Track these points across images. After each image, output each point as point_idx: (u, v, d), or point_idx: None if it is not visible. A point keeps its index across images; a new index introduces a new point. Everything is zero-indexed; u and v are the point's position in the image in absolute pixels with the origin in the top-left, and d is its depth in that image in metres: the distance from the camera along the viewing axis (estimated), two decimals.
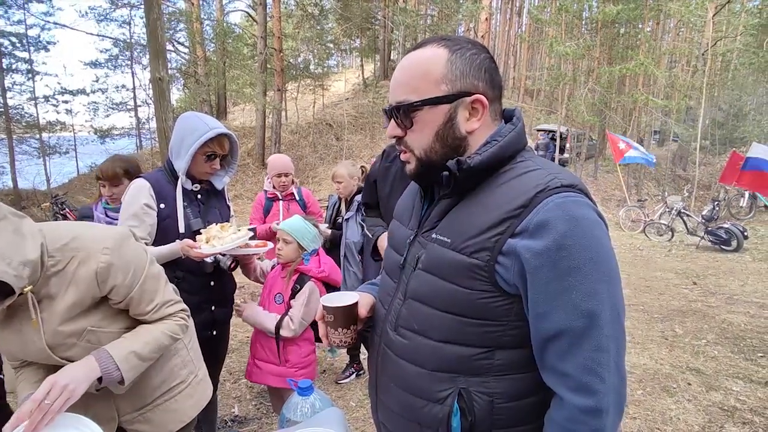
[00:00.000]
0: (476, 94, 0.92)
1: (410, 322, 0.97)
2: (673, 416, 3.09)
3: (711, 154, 20.53)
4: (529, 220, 0.82)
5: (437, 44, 0.93)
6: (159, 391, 1.48)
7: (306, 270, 2.29)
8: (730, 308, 5.53)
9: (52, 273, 1.20)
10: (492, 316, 0.88)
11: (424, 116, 0.92)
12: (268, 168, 3.69)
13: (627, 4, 16.63)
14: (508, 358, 0.89)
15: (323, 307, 1.04)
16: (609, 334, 0.81)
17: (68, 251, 1.22)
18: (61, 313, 1.23)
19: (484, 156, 0.90)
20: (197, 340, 1.74)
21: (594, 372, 0.81)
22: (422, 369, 0.95)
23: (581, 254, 0.80)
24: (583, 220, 0.81)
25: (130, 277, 1.29)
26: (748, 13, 20.42)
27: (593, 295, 0.80)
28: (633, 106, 18.95)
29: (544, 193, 0.83)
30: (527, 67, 30.55)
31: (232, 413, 3.03)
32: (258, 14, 16.59)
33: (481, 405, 0.90)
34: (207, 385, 1.68)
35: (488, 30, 16.68)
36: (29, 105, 16.39)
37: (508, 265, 0.84)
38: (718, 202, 10.81)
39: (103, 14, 18.45)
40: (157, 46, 5.92)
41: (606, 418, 0.81)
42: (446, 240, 0.92)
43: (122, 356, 1.25)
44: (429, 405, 0.94)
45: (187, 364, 1.59)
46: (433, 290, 0.93)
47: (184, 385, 1.55)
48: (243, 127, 19.40)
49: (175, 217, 2.01)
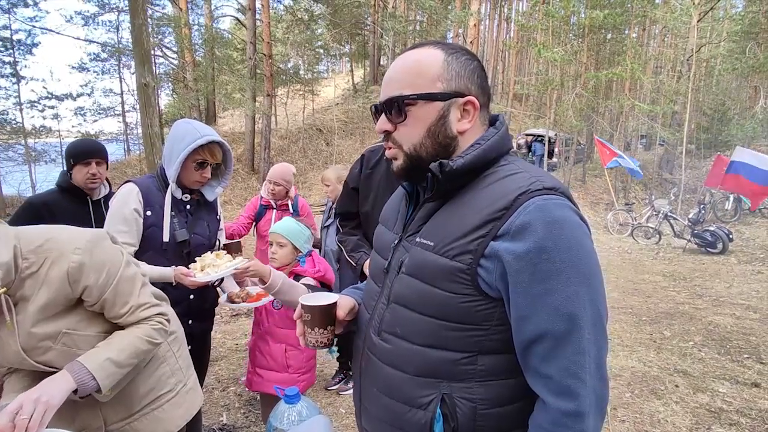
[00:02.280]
0: (469, 96, 0.93)
1: (393, 327, 0.97)
2: (661, 418, 3.11)
3: (697, 158, 20.81)
4: (510, 223, 0.83)
5: (433, 46, 0.96)
6: (146, 400, 1.46)
7: (302, 272, 2.27)
8: (716, 310, 5.60)
9: (27, 275, 1.20)
10: (474, 320, 0.88)
11: (418, 111, 0.93)
12: (269, 174, 3.69)
13: (613, 9, 16.86)
14: (491, 364, 0.89)
15: (301, 306, 1.04)
16: (590, 337, 0.82)
17: (42, 252, 1.22)
18: (33, 314, 1.22)
19: (467, 159, 0.91)
20: (187, 349, 1.71)
21: (575, 375, 0.81)
22: (405, 374, 0.94)
23: (562, 257, 0.80)
24: (564, 222, 0.82)
25: (104, 278, 1.27)
26: (730, 20, 20.81)
27: (574, 297, 0.81)
28: (620, 110, 19.18)
29: (525, 196, 0.84)
30: (516, 72, 30.82)
31: (221, 421, 2.99)
32: (247, 19, 16.55)
33: (464, 411, 0.89)
34: (197, 394, 1.66)
35: (477, 36, 16.77)
36: (14, 110, 16.19)
37: (490, 268, 0.84)
38: (704, 205, 10.97)
39: (90, 18, 18.29)
40: (143, 52, 5.88)
41: (588, 420, 0.82)
42: (429, 243, 0.92)
43: (97, 365, 1.23)
44: (412, 410, 0.93)
45: (176, 372, 1.56)
46: (416, 294, 0.93)
47: (172, 393, 1.53)
48: (232, 133, 19.30)
49: (160, 225, 1.97)
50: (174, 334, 1.61)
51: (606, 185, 15.17)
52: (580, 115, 16.92)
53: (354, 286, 1.26)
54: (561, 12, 16.46)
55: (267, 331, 2.31)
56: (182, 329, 1.73)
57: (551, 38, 17.39)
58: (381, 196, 2.18)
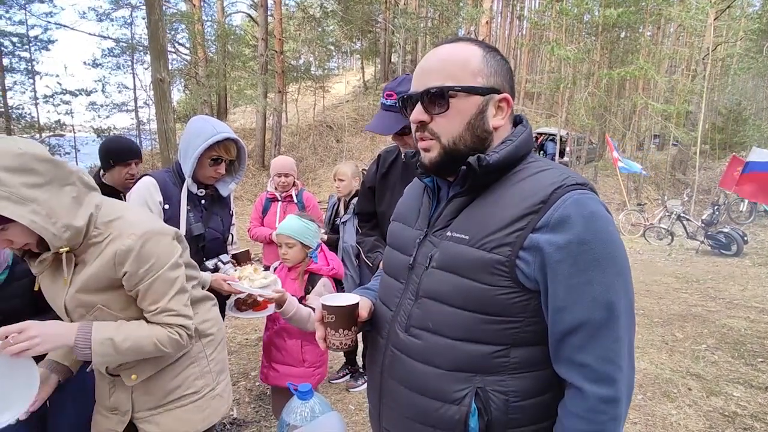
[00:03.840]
0: (504, 93, 0.95)
1: (424, 322, 0.97)
2: (673, 421, 3.08)
3: (711, 159, 20.55)
4: (549, 216, 0.85)
5: (471, 42, 0.97)
6: (171, 396, 1.49)
7: (317, 269, 2.29)
8: (730, 313, 5.53)
9: (92, 243, 1.29)
10: (510, 312, 0.89)
11: (459, 104, 0.93)
12: (270, 168, 3.70)
13: (627, 7, 16.65)
14: (523, 356, 0.90)
15: (323, 307, 1.02)
16: (625, 324, 0.85)
17: (109, 227, 1.30)
18: (82, 280, 1.29)
19: (501, 154, 0.93)
20: (225, 354, 1.72)
21: (613, 362, 0.84)
22: (438, 369, 0.94)
23: (600, 248, 0.83)
24: (599, 216, 0.85)
25: (144, 270, 1.31)
26: (747, 18, 20.43)
27: (611, 287, 0.84)
28: (633, 110, 18.96)
29: (561, 190, 0.86)
30: (527, 70, 30.59)
31: (231, 416, 3.01)
32: (259, 16, 16.58)
33: (497, 404, 0.90)
34: (223, 401, 1.66)
35: (488, 34, 16.67)
36: (30, 105, 16.41)
37: (529, 260, 0.86)
38: (718, 206, 10.81)
39: (104, 14, 18.47)
40: (158, 47, 5.90)
41: (622, 405, 0.85)
42: (464, 237, 0.92)
43: (99, 339, 1.27)
44: (445, 406, 0.93)
45: (205, 375, 1.58)
46: (450, 288, 0.93)
47: (197, 396, 1.55)
48: (243, 129, 19.39)
49: (177, 219, 2.01)
50: (210, 337, 1.63)
51: (618, 185, 15.02)
52: (592, 114, 16.75)
53: (363, 286, 1.26)
54: (575, 10, 16.29)
55: (283, 328, 2.32)
56: (223, 333, 1.74)
57: (564, 36, 17.23)
58: (397, 195, 2.16)
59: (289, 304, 1.97)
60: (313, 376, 2.33)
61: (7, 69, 15.78)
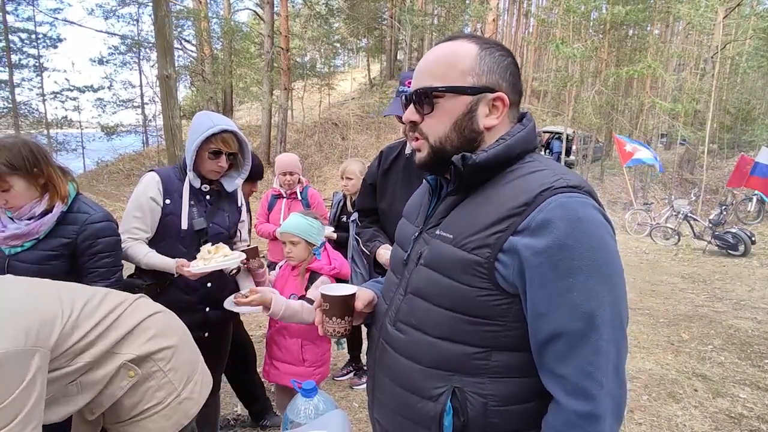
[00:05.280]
0: (499, 92, 0.92)
1: (409, 318, 0.97)
2: (679, 422, 3.06)
3: (719, 158, 20.36)
4: (531, 219, 0.82)
5: (468, 39, 0.95)
6: (134, 411, 1.47)
7: (318, 268, 2.28)
8: (737, 314, 5.48)
9: None
10: (490, 314, 0.87)
11: (445, 104, 0.93)
12: (275, 166, 3.70)
13: (635, 5, 16.52)
14: (505, 361, 0.88)
15: (321, 295, 1.07)
16: (609, 338, 0.80)
17: None
18: None
19: (490, 153, 0.91)
20: (191, 355, 1.65)
21: (591, 376, 0.79)
22: (418, 365, 0.94)
23: (583, 255, 0.79)
24: (587, 220, 0.80)
25: None
26: (757, 17, 20.20)
27: (594, 296, 0.79)
28: (640, 108, 18.82)
29: (548, 192, 0.83)
30: (534, 68, 30.43)
31: (235, 412, 3.02)
32: (265, 13, 16.59)
33: (475, 406, 0.89)
34: (192, 403, 1.61)
35: (495, 31, 16.58)
36: (37, 101, 16.53)
37: (508, 263, 0.84)
38: (725, 206, 10.72)
39: (111, 11, 18.57)
40: (165, 44, 5.92)
41: (603, 423, 0.80)
42: (448, 236, 0.92)
43: None
44: (423, 402, 0.94)
45: (164, 386, 1.53)
46: (433, 286, 0.93)
47: (161, 406, 1.52)
48: (249, 126, 19.44)
49: (178, 214, 2.01)
50: (161, 353, 1.53)
51: (624, 184, 14.93)
52: (599, 113, 16.65)
53: (375, 279, 1.27)
54: (582, 8, 16.18)
55: (283, 326, 2.32)
56: (186, 342, 1.65)
57: (571, 34, 17.11)
58: (398, 192, 2.19)
59: (276, 304, 1.90)
60: (313, 375, 2.32)
61: (15, 65, 15.89)
